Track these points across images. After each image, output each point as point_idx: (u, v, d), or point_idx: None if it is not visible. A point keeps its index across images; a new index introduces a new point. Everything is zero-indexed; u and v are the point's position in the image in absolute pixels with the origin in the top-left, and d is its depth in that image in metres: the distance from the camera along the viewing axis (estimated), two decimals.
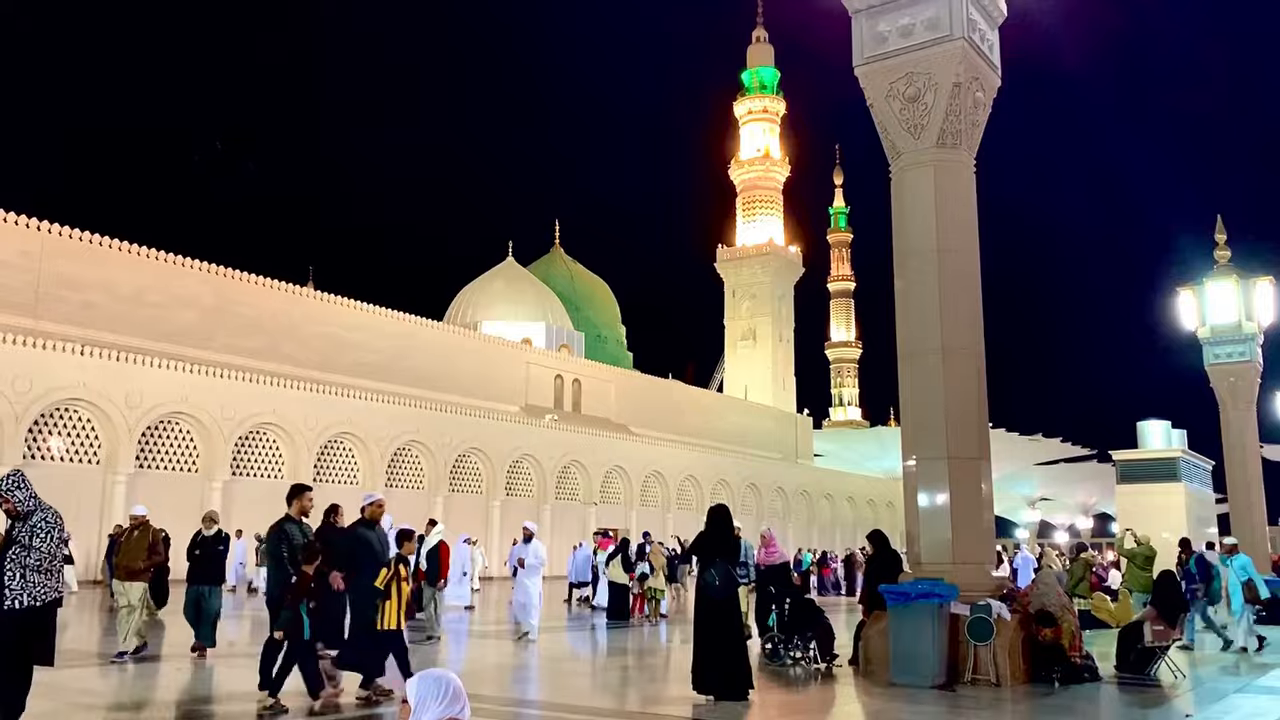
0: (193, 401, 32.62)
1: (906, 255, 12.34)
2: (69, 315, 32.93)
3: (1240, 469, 26.14)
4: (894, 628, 10.80)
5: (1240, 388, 25.87)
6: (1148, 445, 40.77)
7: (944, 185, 12.15)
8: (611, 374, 58.54)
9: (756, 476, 60.67)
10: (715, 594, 9.93)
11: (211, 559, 13.13)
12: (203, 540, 13.17)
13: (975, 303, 12.31)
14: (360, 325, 43.03)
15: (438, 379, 45.21)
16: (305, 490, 9.88)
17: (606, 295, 75.17)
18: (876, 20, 12.46)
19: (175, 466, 32.82)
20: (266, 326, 39.25)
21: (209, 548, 13.13)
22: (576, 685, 11.67)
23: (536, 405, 50.81)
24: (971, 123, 12.31)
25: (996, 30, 12.93)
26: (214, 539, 13.18)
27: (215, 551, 13.19)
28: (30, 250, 32.64)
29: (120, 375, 30.74)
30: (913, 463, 11.91)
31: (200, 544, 13.18)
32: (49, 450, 29.77)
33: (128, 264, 35.20)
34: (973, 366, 12.00)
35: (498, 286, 61.88)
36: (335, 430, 37.18)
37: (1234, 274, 26.18)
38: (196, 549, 13.16)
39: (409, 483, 40.21)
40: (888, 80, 12.30)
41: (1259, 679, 12.47)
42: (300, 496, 9.77)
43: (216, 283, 37.89)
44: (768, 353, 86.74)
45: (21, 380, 28.45)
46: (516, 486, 44.96)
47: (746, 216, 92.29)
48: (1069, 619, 11.52)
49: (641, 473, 51.76)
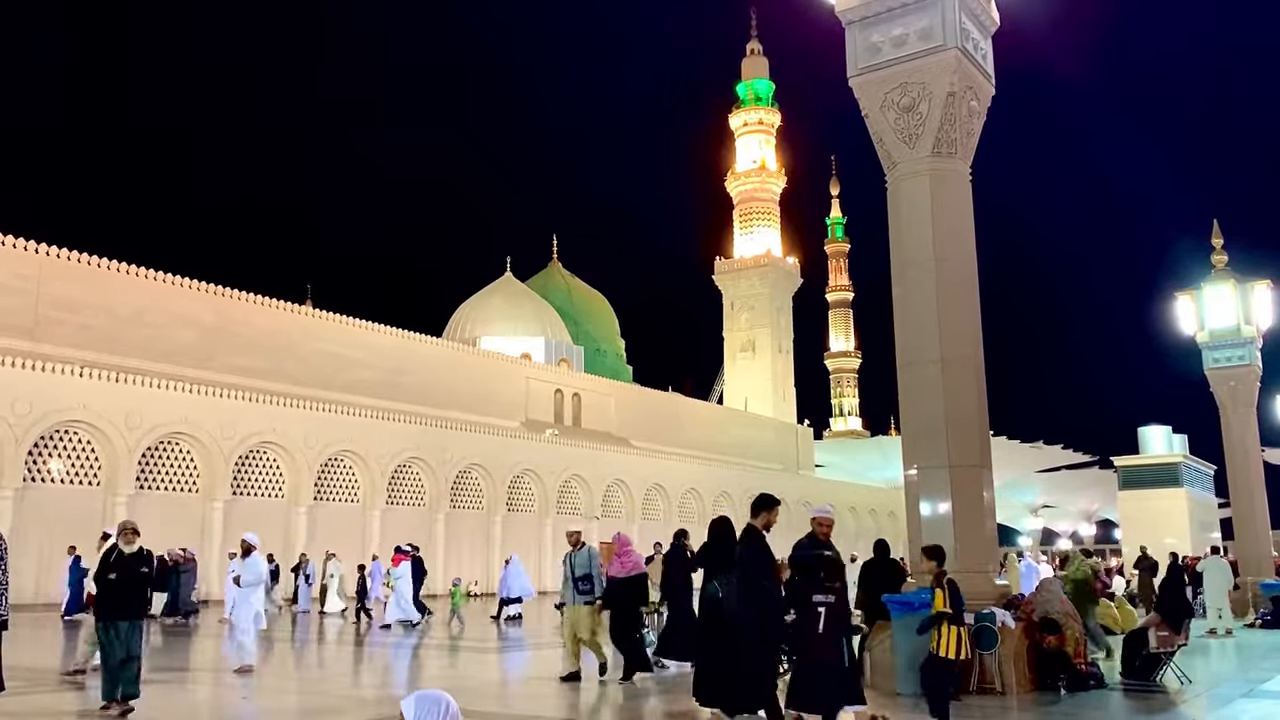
0: (192, 421, 32.58)
1: (904, 264, 12.35)
2: (68, 337, 32.93)
3: (1242, 473, 26.12)
4: (898, 638, 10.76)
5: (1240, 391, 25.86)
6: (1149, 451, 40.79)
7: (940, 194, 12.17)
8: (611, 388, 58.51)
9: (758, 488, 59.83)
10: (719, 606, 9.88)
11: (132, 584, 10.08)
12: (119, 560, 10.06)
13: (974, 311, 12.32)
14: (359, 343, 43.03)
15: (437, 395, 45.18)
16: (774, 504, 8.84)
17: (605, 309, 75.21)
18: (870, 31, 12.50)
19: (176, 487, 32.76)
20: (265, 346, 39.24)
21: (128, 570, 10.05)
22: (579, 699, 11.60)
23: (537, 420, 50.77)
24: (966, 131, 12.34)
25: (989, 39, 12.98)
26: (135, 558, 10.16)
27: (137, 575, 10.16)
28: (28, 273, 32.66)
29: (120, 396, 30.71)
30: (914, 472, 11.89)
31: (116, 565, 10.03)
32: (49, 472, 29.72)
33: (126, 285, 35.22)
34: (972, 374, 12.00)
35: (496, 302, 61.93)
36: (335, 449, 37.13)
37: (1231, 278, 26.21)
38: (111, 571, 9.96)
39: (410, 500, 40.13)
40: (882, 90, 12.33)
41: (1265, 684, 12.43)
42: (770, 510, 8.76)
43: (215, 302, 37.91)
44: (767, 364, 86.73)
45: (21, 403, 28.42)
46: (518, 502, 44.86)
47: (744, 228, 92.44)
48: (1073, 626, 11.49)
49: (643, 486, 51.66)
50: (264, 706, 11.19)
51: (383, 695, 12.16)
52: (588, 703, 11.18)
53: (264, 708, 11.12)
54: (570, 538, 13.04)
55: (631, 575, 12.60)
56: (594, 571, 12.54)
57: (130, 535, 10.16)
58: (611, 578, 12.56)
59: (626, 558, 12.71)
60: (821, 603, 8.29)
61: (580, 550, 12.77)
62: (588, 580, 12.48)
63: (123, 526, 10.34)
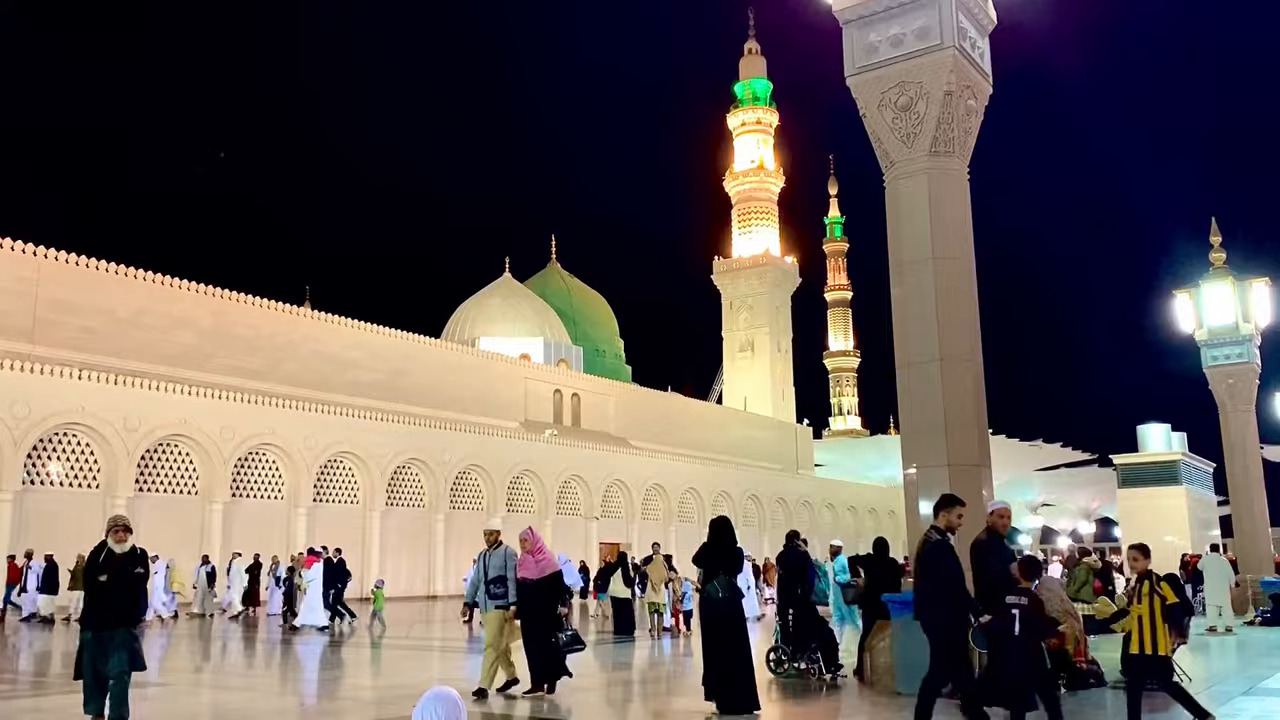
0: (191, 423, 32.57)
1: (902, 264, 12.34)
2: (67, 340, 32.92)
3: (1241, 470, 26.11)
4: (898, 637, 10.76)
5: (1239, 389, 25.86)
6: (1148, 449, 40.79)
7: (938, 193, 12.16)
8: (610, 388, 58.53)
9: (758, 487, 60.57)
10: (718, 605, 9.92)
11: (125, 588, 8.75)
12: (110, 560, 8.78)
13: (972, 309, 12.31)
14: (358, 344, 43.03)
15: (436, 396, 45.19)
16: (958, 504, 8.46)
17: (604, 309, 75.24)
18: (867, 31, 12.50)
19: (175, 489, 32.74)
20: (264, 347, 39.23)
21: (121, 572, 8.76)
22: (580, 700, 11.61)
23: (536, 421, 50.77)
24: (964, 130, 12.33)
25: (987, 38, 12.97)
26: (128, 558, 8.86)
27: (131, 577, 8.83)
28: (27, 276, 32.66)
29: (118, 398, 30.69)
30: (913, 471, 11.88)
31: (106, 566, 8.74)
32: (48, 475, 29.72)
33: (124, 287, 35.22)
34: (971, 373, 11.99)
35: (495, 303, 61.96)
36: (335, 450, 37.12)
37: (1230, 276, 26.21)
38: (101, 573, 8.71)
39: (410, 501, 40.13)
40: (880, 90, 12.33)
41: (1265, 681, 12.43)
42: (950, 510, 8.37)
43: (213, 304, 37.90)
44: (766, 363, 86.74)
45: (20, 405, 28.41)
46: (518, 502, 44.87)
47: (742, 228, 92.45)
48: (1073, 624, 11.48)
49: (642, 486, 51.67)
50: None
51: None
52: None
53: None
54: (488, 537, 12.01)
55: (545, 576, 11.50)
56: (509, 574, 11.51)
57: (121, 533, 8.90)
58: (523, 579, 11.44)
59: (540, 556, 11.56)
60: (1015, 604, 8.03)
61: (496, 550, 11.73)
62: (501, 583, 11.49)
63: (113, 523, 8.98)
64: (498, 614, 11.44)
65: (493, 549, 11.74)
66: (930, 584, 8.17)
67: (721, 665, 9.78)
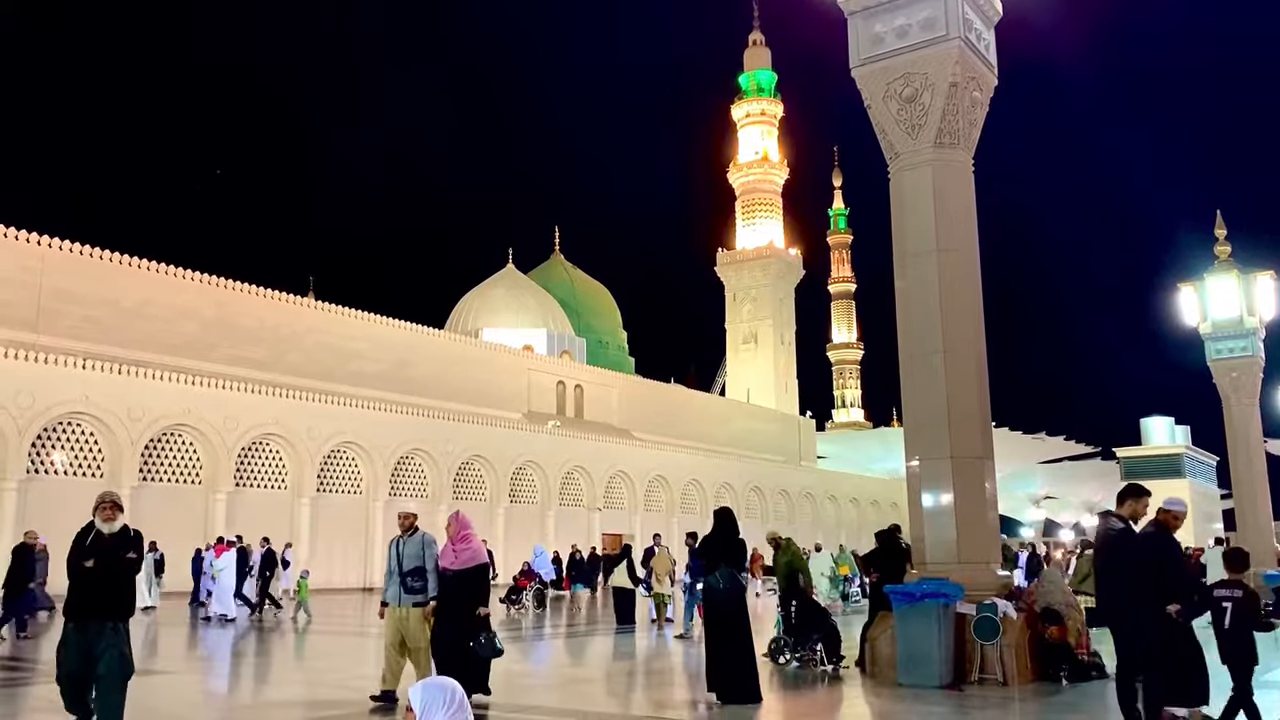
0: (195, 413, 32.63)
1: (906, 256, 12.33)
2: (70, 329, 32.97)
3: (1244, 464, 26.10)
4: (900, 628, 10.78)
5: (1243, 383, 25.82)
6: (1151, 442, 40.90)
7: (943, 185, 12.14)
8: (613, 379, 58.56)
9: (760, 479, 60.62)
10: (720, 596, 9.94)
11: (115, 575, 7.46)
12: (97, 542, 7.48)
13: (976, 302, 12.31)
14: (362, 335, 43.07)
15: (440, 387, 45.24)
16: (1144, 494, 8.19)
17: (607, 301, 75.24)
18: (872, 21, 12.47)
19: (178, 479, 32.82)
20: (268, 338, 39.29)
21: (111, 555, 7.44)
22: (582, 690, 11.65)
23: (539, 412, 50.82)
24: (969, 122, 12.31)
25: (992, 29, 12.93)
26: (118, 540, 7.53)
27: (121, 562, 7.49)
28: (31, 265, 32.72)
29: (122, 388, 30.75)
30: (916, 463, 11.89)
31: (94, 549, 7.44)
32: (52, 464, 29.78)
33: (128, 277, 35.26)
34: (974, 365, 11.99)
35: (498, 294, 62.00)
36: (338, 440, 37.18)
37: (1234, 269, 26.14)
38: (87, 558, 7.39)
39: (413, 492, 40.19)
40: (885, 81, 12.30)
41: (1268, 675, 12.42)
42: (1137, 500, 8.08)
43: (217, 294, 37.95)
44: (769, 355, 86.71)
45: (24, 395, 28.47)
46: (520, 493, 44.93)
47: (746, 220, 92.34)
48: (1075, 616, 11.50)
49: (645, 477, 51.73)
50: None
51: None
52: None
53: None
54: (401, 521, 10.23)
55: (467, 568, 9.78)
56: (427, 564, 9.81)
57: (110, 510, 7.52)
58: (443, 570, 9.76)
59: (463, 545, 9.88)
60: (1227, 597, 7.80)
61: (412, 536, 9.99)
62: (419, 575, 9.77)
63: (102, 499, 7.62)
64: (415, 611, 9.69)
65: (408, 535, 10.03)
66: (1126, 574, 7.77)
67: (723, 656, 9.81)
